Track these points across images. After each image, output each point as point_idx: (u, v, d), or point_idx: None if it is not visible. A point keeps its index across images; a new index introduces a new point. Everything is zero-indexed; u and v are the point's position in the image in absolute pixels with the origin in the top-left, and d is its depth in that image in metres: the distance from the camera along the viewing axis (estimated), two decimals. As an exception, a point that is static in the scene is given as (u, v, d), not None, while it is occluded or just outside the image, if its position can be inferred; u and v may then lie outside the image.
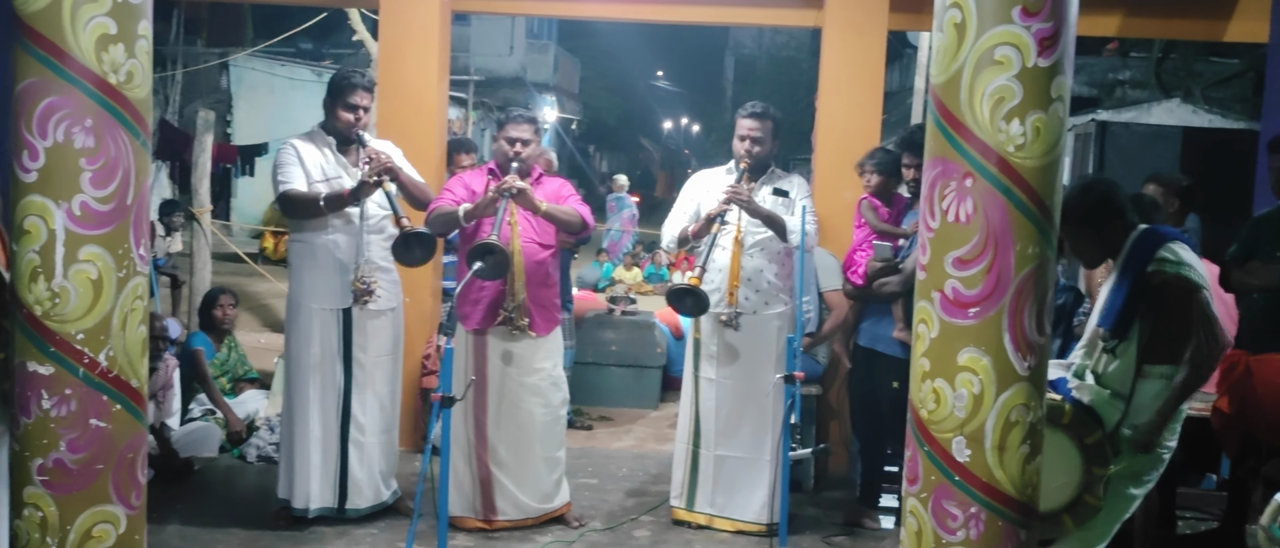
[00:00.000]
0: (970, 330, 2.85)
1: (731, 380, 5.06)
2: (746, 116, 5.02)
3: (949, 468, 2.90)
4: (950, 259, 2.86)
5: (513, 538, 4.91)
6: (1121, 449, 3.47)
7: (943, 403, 2.90)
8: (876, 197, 5.25)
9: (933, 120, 2.90)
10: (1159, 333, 3.46)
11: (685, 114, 47.22)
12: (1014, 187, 2.80)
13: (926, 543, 2.95)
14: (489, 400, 4.89)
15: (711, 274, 4.96)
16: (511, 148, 4.84)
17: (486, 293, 4.81)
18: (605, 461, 6.35)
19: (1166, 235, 3.53)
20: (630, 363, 7.91)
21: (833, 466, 6.21)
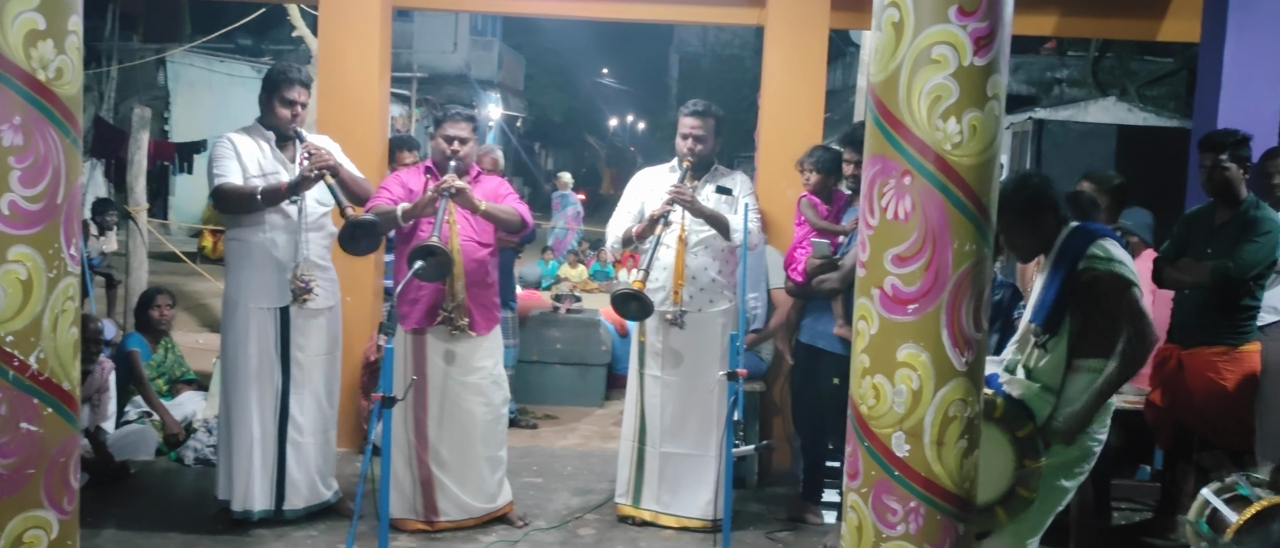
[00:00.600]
0: (909, 327, 2.88)
1: (676, 378, 5.07)
2: (688, 115, 5.04)
3: (889, 463, 2.92)
4: (889, 256, 2.88)
5: (456, 539, 4.87)
6: (1053, 443, 3.52)
7: (882, 399, 2.92)
8: (816, 194, 5.28)
9: (872, 118, 2.93)
10: (1089, 328, 3.52)
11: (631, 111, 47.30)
12: (951, 184, 2.82)
13: (867, 538, 2.97)
14: (429, 401, 4.86)
15: (656, 273, 4.97)
16: (449, 146, 4.81)
17: (425, 292, 4.78)
18: (550, 459, 6.34)
19: (1097, 232, 3.59)
20: (575, 361, 7.90)
21: (776, 461, 6.25)
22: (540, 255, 14.64)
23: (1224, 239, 4.47)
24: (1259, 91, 5.70)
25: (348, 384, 5.81)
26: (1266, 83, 5.71)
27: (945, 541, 2.91)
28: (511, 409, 6.90)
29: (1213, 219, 4.59)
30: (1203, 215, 4.67)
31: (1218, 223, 4.55)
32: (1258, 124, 5.52)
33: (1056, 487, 3.59)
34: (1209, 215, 4.61)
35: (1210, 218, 4.60)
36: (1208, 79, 5.92)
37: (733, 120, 14.57)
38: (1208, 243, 4.51)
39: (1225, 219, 4.53)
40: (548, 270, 13.91)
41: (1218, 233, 4.51)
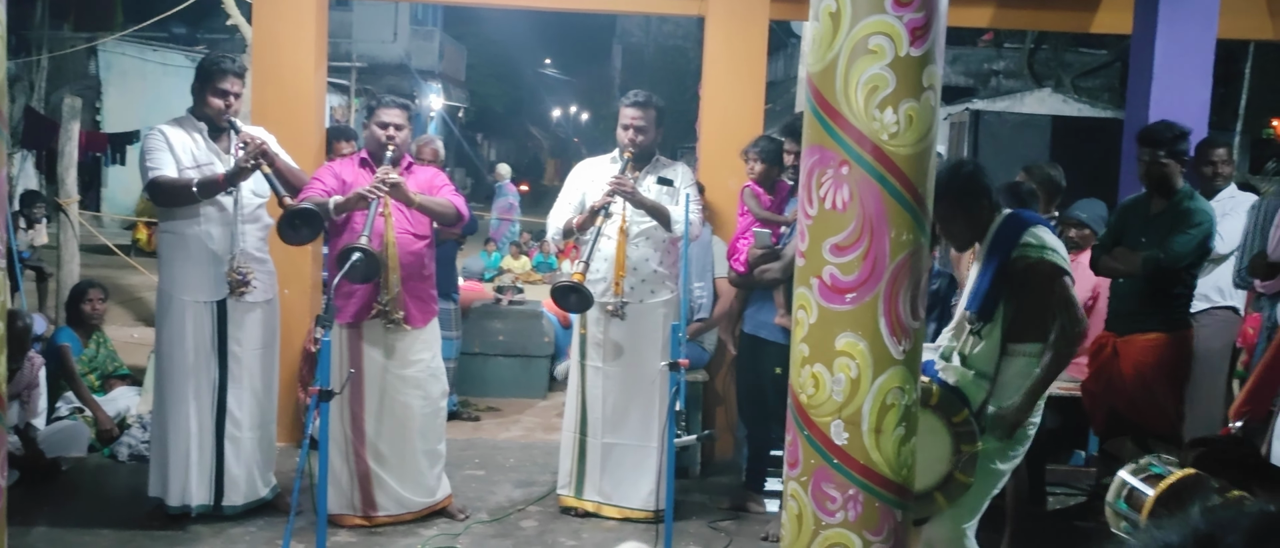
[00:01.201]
0: (847, 316, 2.89)
1: (618, 369, 5.07)
2: (630, 105, 5.03)
3: (828, 451, 2.93)
4: (828, 246, 2.89)
5: (396, 533, 4.83)
6: (988, 427, 3.57)
7: (821, 388, 2.93)
8: (759, 184, 5.30)
9: (810, 108, 2.93)
10: (1022, 314, 3.57)
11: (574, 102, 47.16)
12: (888, 174, 2.83)
13: (806, 526, 2.98)
14: (366, 395, 4.81)
15: (597, 264, 4.96)
16: (383, 132, 4.76)
17: (361, 286, 4.72)
18: (492, 451, 6.31)
19: (1030, 220, 3.64)
20: (518, 353, 7.86)
21: (719, 451, 6.27)
22: (482, 247, 14.56)
23: (1159, 229, 4.54)
24: (1189, 83, 5.81)
25: (286, 378, 5.74)
26: (1196, 74, 5.83)
27: (884, 527, 2.93)
28: (453, 402, 6.86)
29: (1148, 209, 4.66)
30: (1138, 205, 4.75)
31: (1153, 213, 4.62)
32: (1188, 115, 5.62)
33: (992, 471, 3.64)
34: (1145, 205, 4.69)
35: (1146, 207, 4.67)
36: (1140, 71, 6.02)
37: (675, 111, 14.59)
38: (1143, 232, 4.58)
39: (1161, 209, 4.60)
40: (490, 262, 13.84)
41: (1153, 222, 4.58)
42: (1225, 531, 0.79)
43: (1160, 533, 0.83)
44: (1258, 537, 0.77)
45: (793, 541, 2.99)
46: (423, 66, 26.72)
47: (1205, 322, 4.98)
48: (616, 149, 5.09)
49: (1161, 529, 0.83)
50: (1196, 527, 0.81)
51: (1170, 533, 0.82)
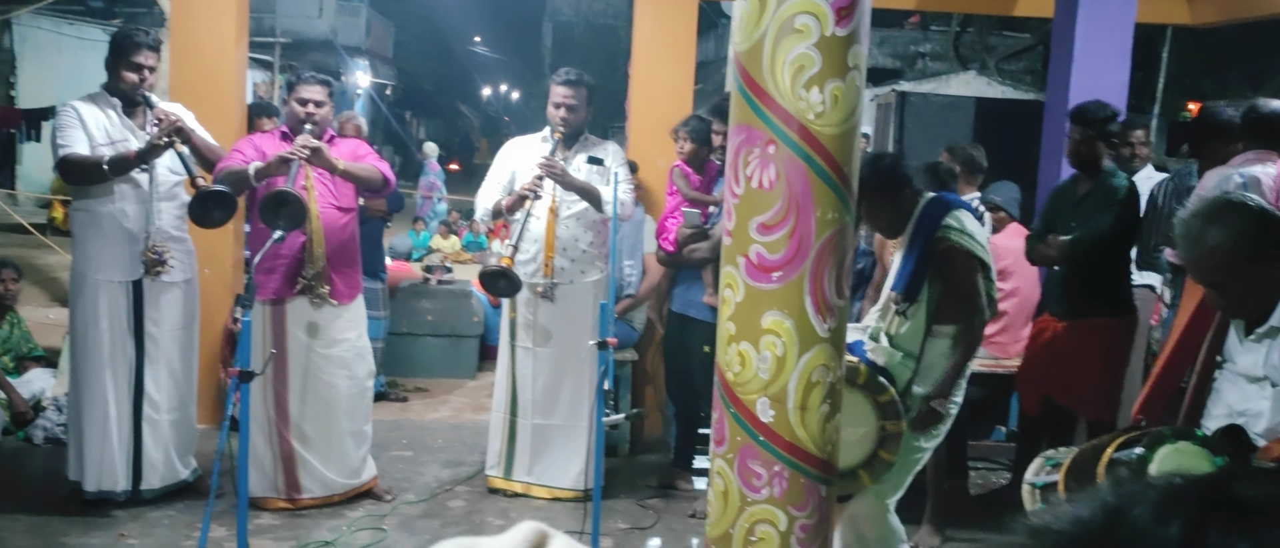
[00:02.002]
0: (773, 294, 2.90)
1: (548, 349, 5.05)
2: (560, 84, 4.99)
3: (754, 428, 2.95)
4: (754, 225, 2.90)
5: (321, 515, 4.78)
6: (912, 406, 3.63)
7: (747, 365, 2.94)
8: (689, 164, 5.31)
9: (737, 88, 2.93)
10: (946, 295, 3.63)
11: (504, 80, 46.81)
12: (814, 154, 2.84)
13: (732, 503, 3.00)
14: (290, 375, 4.73)
15: (527, 244, 4.93)
16: (303, 109, 4.67)
17: (283, 260, 4.64)
18: (420, 432, 6.26)
19: (953, 203, 3.70)
20: (446, 333, 7.80)
21: (649, 429, 6.29)
22: (411, 226, 14.41)
23: (1086, 210, 4.60)
24: (1108, 66, 5.92)
25: (206, 359, 5.63)
26: (1115, 58, 5.94)
27: (808, 503, 2.96)
28: (381, 383, 6.79)
29: (1075, 192, 4.73)
30: (1067, 189, 4.81)
31: (1080, 195, 4.69)
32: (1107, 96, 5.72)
33: (914, 449, 3.70)
34: (1072, 189, 4.75)
35: (1073, 191, 4.74)
36: (1061, 53, 6.13)
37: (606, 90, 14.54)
38: (1072, 216, 4.64)
39: (1087, 190, 4.67)
40: (419, 242, 13.70)
41: (1080, 205, 4.65)
42: (1133, 502, 0.79)
43: (1071, 506, 0.83)
44: (1165, 508, 0.77)
45: (718, 517, 3.01)
46: (349, 43, 26.31)
47: (1136, 303, 5.09)
48: (547, 128, 5.05)
49: (1071, 502, 0.84)
50: (1105, 499, 0.81)
51: (1080, 506, 0.83)
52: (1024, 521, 0.86)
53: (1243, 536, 0.72)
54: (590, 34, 34.01)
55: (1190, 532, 0.73)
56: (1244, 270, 2.49)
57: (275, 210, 4.17)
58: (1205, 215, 2.52)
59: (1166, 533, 0.74)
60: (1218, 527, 0.73)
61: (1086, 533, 0.79)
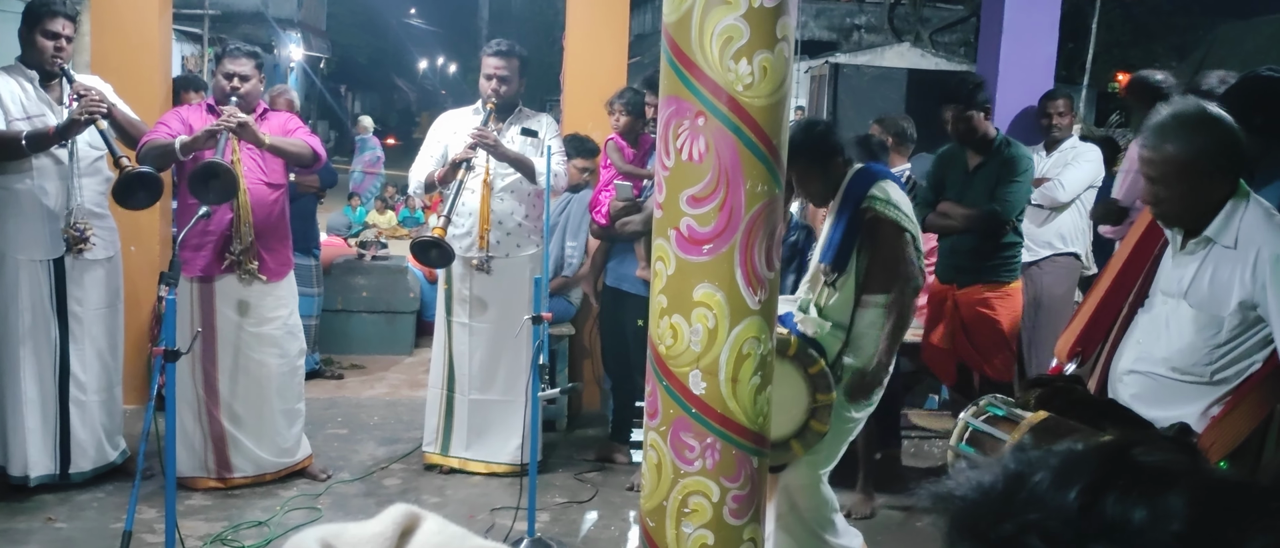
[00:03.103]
0: (704, 267, 2.90)
1: (485, 324, 5.02)
2: (492, 55, 4.94)
3: (686, 401, 2.95)
4: (685, 197, 2.89)
5: (254, 495, 4.72)
6: (843, 377, 3.66)
7: (680, 338, 2.94)
8: (623, 137, 5.29)
9: (666, 59, 2.91)
10: (874, 265, 3.66)
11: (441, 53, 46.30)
12: (743, 126, 2.84)
13: (666, 475, 3.01)
14: (220, 354, 4.66)
15: (461, 218, 4.89)
16: (229, 83, 4.58)
17: (211, 236, 4.56)
18: (356, 410, 6.20)
19: (879, 173, 3.73)
20: (382, 309, 7.72)
21: (587, 404, 6.29)
22: (346, 202, 14.23)
23: (983, 180, 4.66)
24: (1037, 37, 6.00)
25: (133, 337, 5.52)
26: (1043, 29, 6.02)
27: (741, 474, 2.98)
28: (315, 361, 6.72)
29: (965, 161, 4.78)
30: (955, 156, 4.85)
31: (973, 165, 4.75)
32: (1036, 68, 5.84)
33: (846, 419, 3.73)
34: (961, 157, 4.81)
35: (963, 159, 4.79)
36: (990, 25, 6.19)
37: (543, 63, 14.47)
38: (965, 185, 4.70)
39: (981, 161, 4.73)
40: (356, 217, 13.55)
41: (975, 175, 4.70)
42: (1034, 468, 0.80)
43: (974, 473, 0.84)
44: (1064, 474, 0.78)
45: (652, 489, 3.02)
46: (280, 15, 25.81)
47: (1048, 268, 5.17)
48: (479, 100, 5.01)
49: (975, 470, 0.85)
50: (1006, 466, 0.82)
51: (983, 473, 0.84)
52: (929, 487, 0.87)
53: (1139, 501, 0.73)
54: (528, 6, 33.76)
55: (1088, 498, 0.75)
56: (1188, 178, 2.56)
57: (205, 183, 4.09)
58: (1178, 119, 2.59)
59: (1064, 499, 0.75)
60: (1115, 492, 0.74)
61: (988, 499, 0.80)
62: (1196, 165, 2.55)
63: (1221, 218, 2.58)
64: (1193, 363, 2.62)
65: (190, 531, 4.23)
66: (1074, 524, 0.74)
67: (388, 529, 0.92)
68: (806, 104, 10.15)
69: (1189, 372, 2.63)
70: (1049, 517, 0.74)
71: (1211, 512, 0.73)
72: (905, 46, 13.61)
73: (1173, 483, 0.74)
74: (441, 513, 3.55)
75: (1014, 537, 0.75)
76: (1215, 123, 2.58)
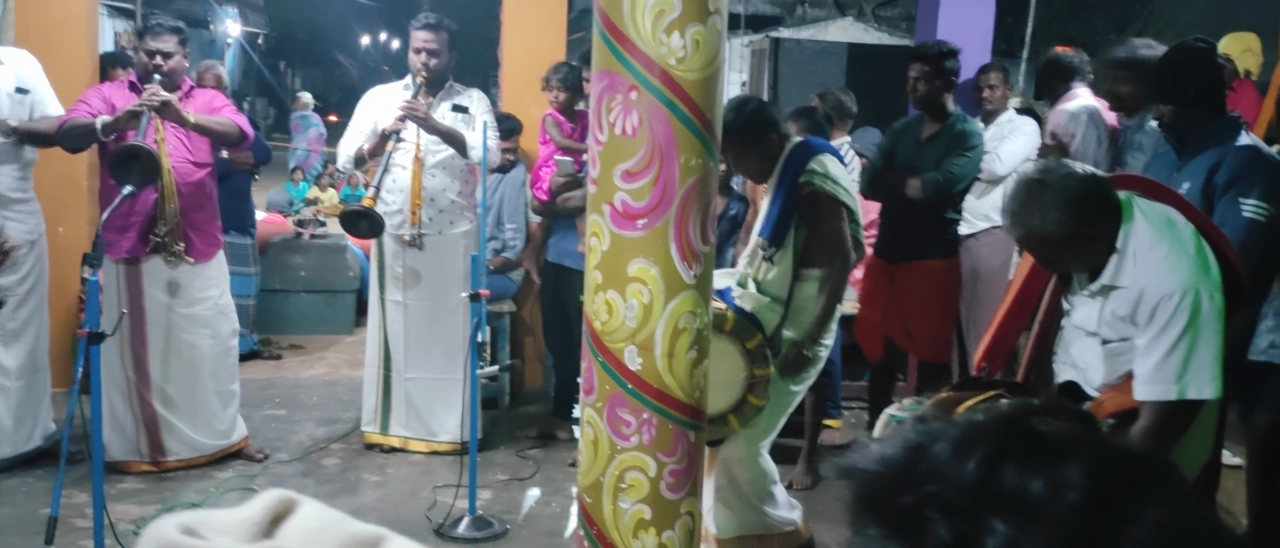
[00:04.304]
0: (639, 242, 2.88)
1: (420, 302, 4.97)
2: (421, 28, 4.88)
3: (622, 377, 2.94)
4: (619, 172, 2.87)
5: (189, 478, 4.65)
6: (781, 351, 3.67)
7: (615, 314, 2.93)
8: (561, 112, 5.26)
9: (598, 33, 2.89)
10: (812, 239, 3.67)
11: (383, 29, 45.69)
12: (677, 99, 2.82)
13: (603, 451, 3.00)
14: (150, 336, 4.57)
15: (393, 194, 4.83)
16: (152, 61, 4.47)
17: (136, 218, 4.46)
18: (294, 390, 6.12)
19: (817, 147, 3.73)
20: (322, 288, 7.62)
21: (529, 381, 6.27)
22: (288, 178, 14.01)
23: (932, 152, 4.66)
24: (974, 11, 6.04)
25: (59, 320, 5.40)
26: (980, 3, 6.06)
27: (677, 449, 2.97)
28: (253, 341, 6.62)
29: (919, 132, 4.78)
30: (910, 128, 4.85)
31: (925, 137, 4.75)
32: (973, 41, 5.87)
33: (786, 393, 3.75)
34: (916, 128, 4.80)
35: (917, 131, 4.79)
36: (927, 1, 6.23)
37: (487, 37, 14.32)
38: (915, 156, 4.69)
39: (933, 132, 4.72)
40: (297, 194, 13.35)
41: (926, 147, 4.70)
42: (935, 439, 0.80)
43: (878, 446, 0.84)
44: (963, 445, 0.78)
45: (589, 465, 3.00)
46: (217, -11, 25.34)
47: (985, 241, 5.20)
48: (409, 75, 4.94)
49: (879, 443, 0.85)
50: (908, 438, 0.82)
51: (886, 446, 0.84)
52: (835, 461, 0.87)
53: (1037, 470, 0.73)
54: (470, -19, 33.38)
55: (986, 468, 0.74)
56: (1067, 249, 2.59)
57: (125, 165, 3.99)
58: (1023, 201, 2.58)
59: (964, 470, 0.75)
60: (1014, 462, 0.74)
61: (890, 471, 0.80)
62: (1063, 235, 2.55)
63: (1112, 265, 2.59)
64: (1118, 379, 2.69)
65: (122, 515, 4.16)
66: (972, 495, 0.73)
67: (257, 515, 0.88)
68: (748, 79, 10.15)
69: None
70: (948, 488, 0.74)
71: (1108, 482, 0.73)
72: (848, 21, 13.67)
73: (1071, 453, 0.75)
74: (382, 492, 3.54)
75: (913, 509, 0.75)
76: (1056, 190, 2.53)
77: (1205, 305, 2.49)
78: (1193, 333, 2.48)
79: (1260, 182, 3.22)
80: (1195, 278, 2.51)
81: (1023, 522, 0.71)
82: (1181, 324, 2.48)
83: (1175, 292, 2.48)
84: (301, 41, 35.20)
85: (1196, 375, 2.49)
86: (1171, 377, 2.49)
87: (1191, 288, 2.49)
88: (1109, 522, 0.71)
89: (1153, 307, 2.50)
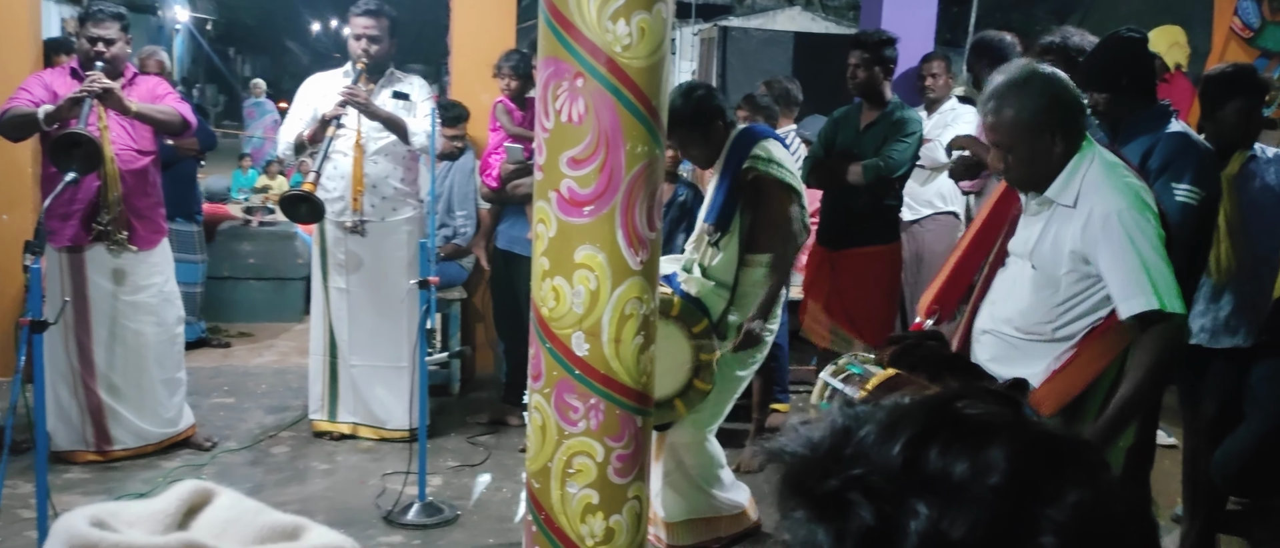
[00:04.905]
0: (585, 228, 2.90)
1: (363, 290, 4.96)
2: (361, 14, 4.86)
3: (569, 363, 2.97)
4: (565, 159, 2.89)
5: (135, 467, 4.62)
6: (727, 336, 3.71)
7: (562, 300, 2.95)
8: (513, 100, 5.27)
9: (544, 20, 2.90)
10: (757, 225, 3.72)
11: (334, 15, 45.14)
12: (622, 87, 2.84)
13: (550, 436, 3.02)
14: (95, 324, 4.53)
15: (334, 181, 4.81)
16: (93, 47, 4.42)
17: (78, 205, 4.41)
18: (243, 378, 6.09)
19: (761, 133, 3.77)
20: (270, 275, 7.57)
21: (481, 367, 6.28)
22: (237, 165, 13.86)
23: (871, 139, 4.70)
24: (917, 1, 6.10)
25: (6, 310, 5.34)
26: (925, -8, 6.13)
27: (624, 434, 3.01)
28: (201, 329, 6.57)
29: (858, 120, 4.82)
30: (849, 116, 4.87)
31: (864, 124, 4.79)
32: (917, 30, 5.94)
33: (732, 377, 3.79)
34: (855, 116, 4.84)
35: (856, 119, 4.83)
36: (871, -12, 6.29)
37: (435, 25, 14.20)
38: (855, 143, 4.73)
39: (872, 120, 4.77)
40: (246, 181, 13.20)
41: (865, 134, 4.74)
42: (861, 423, 0.82)
43: (805, 430, 0.86)
44: (889, 428, 0.80)
45: (537, 451, 3.03)
46: (164, -25, 24.95)
47: (929, 226, 5.29)
48: (349, 62, 4.93)
49: (807, 426, 0.86)
50: (835, 422, 0.84)
51: (813, 429, 0.85)
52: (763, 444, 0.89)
53: (961, 453, 0.75)
54: (422, -33, 33.12)
55: (911, 451, 0.76)
56: (1026, 140, 2.61)
57: (67, 153, 3.95)
58: (1010, 82, 2.62)
59: (889, 453, 0.76)
60: (938, 445, 0.76)
61: (816, 455, 0.81)
62: (1034, 124, 2.59)
63: (1062, 178, 2.62)
64: (1035, 322, 2.67)
65: (67, 505, 4.10)
66: (897, 479, 0.75)
67: (171, 506, 0.87)
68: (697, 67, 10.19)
69: (1031, 331, 2.68)
70: (873, 471, 0.76)
71: (1030, 464, 0.75)
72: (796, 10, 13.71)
73: (994, 436, 0.76)
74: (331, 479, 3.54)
75: (839, 492, 0.76)
76: (1047, 81, 2.62)
77: (1154, 225, 2.53)
78: (1150, 244, 2.50)
79: (1191, 167, 3.30)
80: (1143, 199, 2.56)
81: (945, 504, 0.72)
82: (1139, 234, 2.49)
83: (1125, 206, 2.52)
84: (251, 28, 34.73)
85: (1165, 288, 2.47)
86: (1146, 287, 2.47)
87: (1140, 204, 2.54)
88: (1029, 503, 0.73)
89: (1103, 221, 2.52)
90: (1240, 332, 3.78)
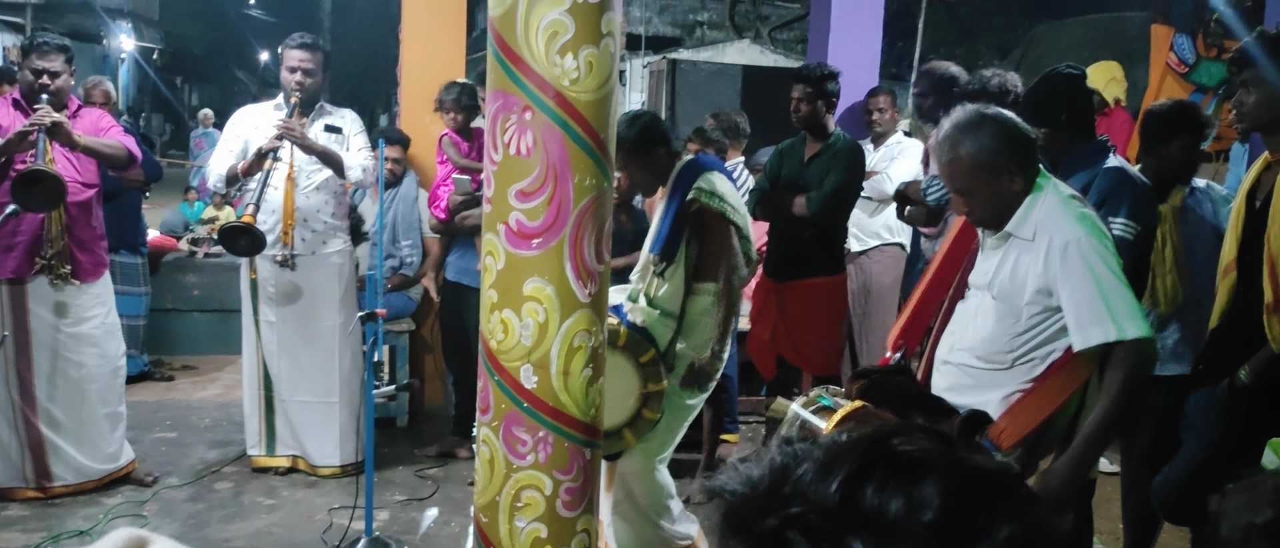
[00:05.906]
0: (534, 261, 2.91)
1: (293, 323, 4.92)
2: (295, 48, 4.86)
3: (518, 395, 2.96)
4: (513, 192, 2.89)
5: (76, 504, 4.53)
6: (675, 365, 3.72)
7: (510, 333, 2.95)
8: (458, 132, 5.27)
9: (493, 54, 2.91)
10: (703, 254, 3.74)
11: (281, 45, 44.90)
12: (570, 120, 2.86)
13: (499, 470, 3.01)
14: (36, 357, 4.45)
15: (265, 215, 4.77)
16: (38, 80, 4.36)
17: (22, 237, 4.34)
18: (186, 412, 6.00)
19: (707, 165, 3.81)
20: (215, 307, 7.47)
21: (430, 399, 6.23)
22: (183, 197, 13.69)
23: (815, 171, 4.76)
24: (863, 35, 6.20)
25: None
26: (869, 26, 6.22)
27: (573, 466, 3.00)
28: (143, 363, 6.47)
29: (803, 152, 4.87)
30: (794, 149, 4.93)
31: (808, 156, 4.84)
32: (862, 64, 6.03)
33: (682, 406, 3.80)
34: (799, 148, 4.89)
35: (800, 151, 4.88)
36: (819, 22, 6.37)
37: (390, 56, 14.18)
38: (799, 175, 4.78)
39: (815, 152, 4.82)
40: (193, 213, 13.05)
41: (809, 166, 4.80)
42: (799, 461, 0.83)
43: (744, 467, 0.87)
44: (826, 466, 0.81)
45: (485, 485, 3.02)
46: (109, 4, 24.66)
47: (876, 257, 5.34)
48: (280, 95, 4.91)
49: (746, 464, 0.87)
50: (774, 460, 0.85)
51: (752, 467, 0.86)
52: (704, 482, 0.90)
53: (896, 490, 0.77)
54: None
55: (847, 489, 0.77)
56: (985, 181, 2.66)
57: (28, 190, 3.90)
58: (961, 127, 2.68)
59: (826, 491, 0.78)
60: (874, 482, 0.77)
61: (754, 494, 0.82)
62: (993, 165, 2.65)
63: (1020, 212, 2.68)
64: (994, 351, 2.73)
65: (6, 543, 4.04)
66: (834, 517, 0.76)
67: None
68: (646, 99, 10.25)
69: (992, 360, 2.74)
70: (811, 510, 0.77)
71: (963, 500, 0.76)
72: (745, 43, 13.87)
73: (928, 472, 0.78)
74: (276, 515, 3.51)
75: (778, 531, 0.77)
76: (997, 121, 2.68)
77: (1111, 251, 2.59)
78: (1109, 269, 2.55)
79: (1127, 200, 3.37)
80: (1099, 227, 2.62)
81: (881, 541, 0.74)
82: (1098, 261, 2.54)
83: (1083, 235, 2.58)
84: (198, 57, 34.50)
85: (1128, 314, 2.52)
86: (1104, 316, 2.52)
87: (1097, 231, 2.60)
88: (962, 538, 0.75)
89: (1062, 251, 2.57)
90: (1186, 359, 3.86)
